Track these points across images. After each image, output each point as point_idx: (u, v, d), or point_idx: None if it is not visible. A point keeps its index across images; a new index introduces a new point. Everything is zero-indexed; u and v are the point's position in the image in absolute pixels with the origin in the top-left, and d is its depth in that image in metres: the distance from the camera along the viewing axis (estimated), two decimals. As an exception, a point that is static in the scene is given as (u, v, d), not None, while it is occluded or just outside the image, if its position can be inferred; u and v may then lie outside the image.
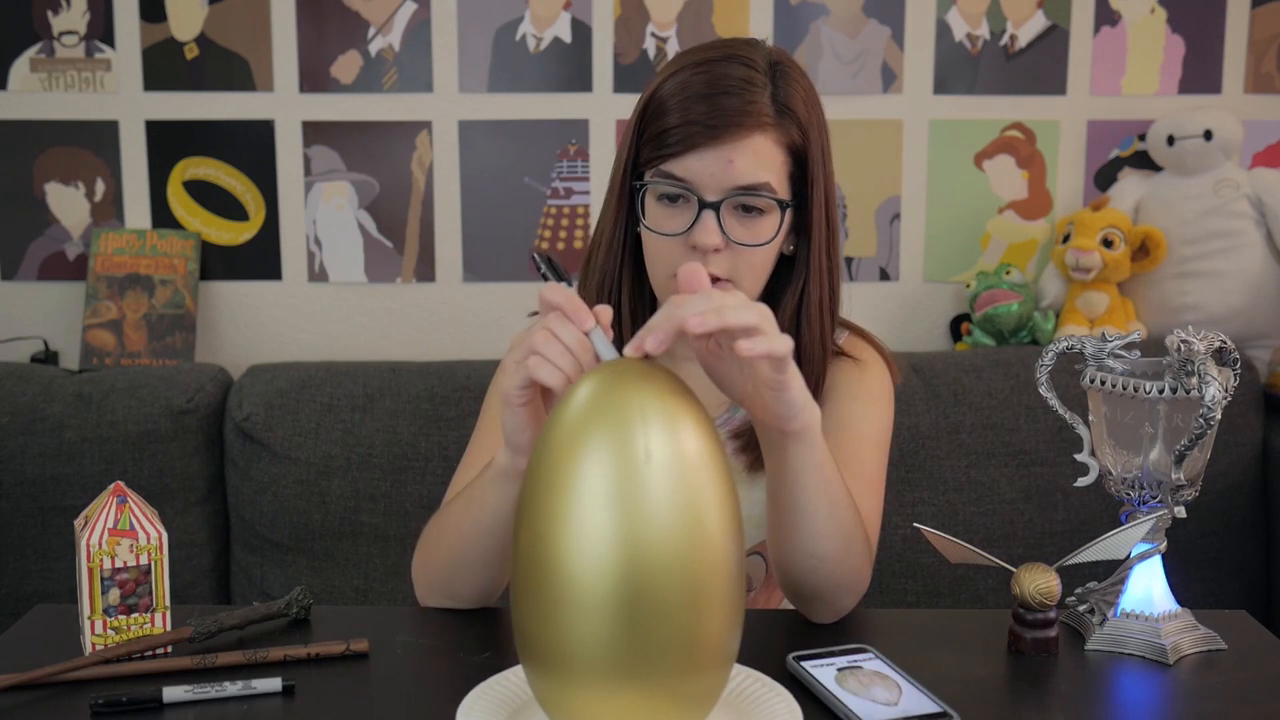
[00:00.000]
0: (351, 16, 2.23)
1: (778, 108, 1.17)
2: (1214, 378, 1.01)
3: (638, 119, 1.21)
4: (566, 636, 0.81)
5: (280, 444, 1.98)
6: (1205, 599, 2.01)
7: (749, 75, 1.17)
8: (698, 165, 1.16)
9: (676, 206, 1.19)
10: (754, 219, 1.18)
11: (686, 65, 1.19)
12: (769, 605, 1.32)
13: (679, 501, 0.80)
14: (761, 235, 1.18)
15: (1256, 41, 2.28)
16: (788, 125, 1.18)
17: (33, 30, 2.23)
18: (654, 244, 1.21)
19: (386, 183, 2.28)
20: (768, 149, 1.17)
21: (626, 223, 1.25)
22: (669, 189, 1.18)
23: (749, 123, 1.15)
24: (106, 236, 2.24)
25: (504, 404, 1.00)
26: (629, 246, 1.26)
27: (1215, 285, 2.17)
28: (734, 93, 1.16)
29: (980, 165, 2.30)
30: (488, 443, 1.27)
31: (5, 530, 1.97)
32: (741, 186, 1.16)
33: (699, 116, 1.15)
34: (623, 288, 1.26)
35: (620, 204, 1.25)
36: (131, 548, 1.04)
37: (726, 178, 1.16)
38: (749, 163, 1.16)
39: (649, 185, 1.20)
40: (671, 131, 1.16)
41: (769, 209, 1.18)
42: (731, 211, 1.17)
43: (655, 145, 1.18)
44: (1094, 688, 1.02)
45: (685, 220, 1.18)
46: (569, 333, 0.94)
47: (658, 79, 1.21)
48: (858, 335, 1.33)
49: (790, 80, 1.19)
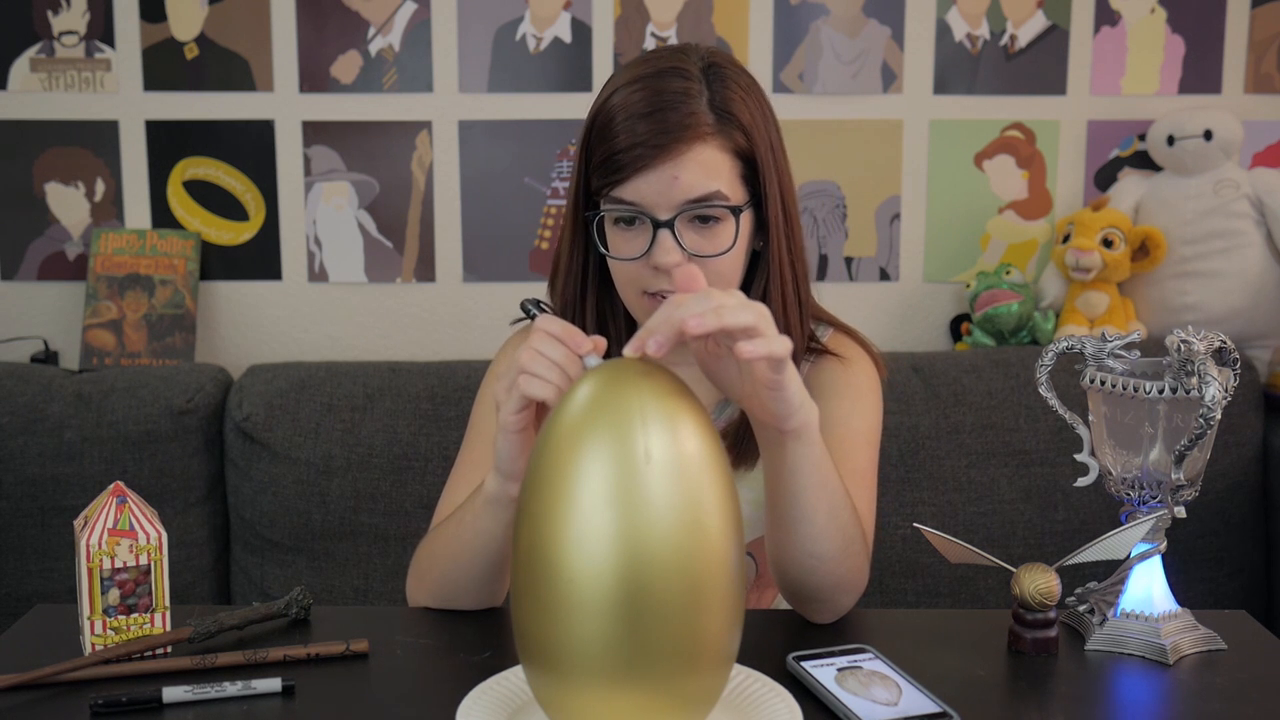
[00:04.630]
0: (351, 16, 2.23)
1: (717, 114, 1.16)
2: (1214, 378, 1.01)
3: (584, 144, 1.21)
4: (566, 636, 0.81)
5: (280, 444, 1.98)
6: (1205, 599, 2.01)
7: (684, 86, 1.16)
8: (645, 186, 1.15)
9: (633, 229, 1.18)
10: (710, 228, 1.18)
11: (624, 83, 1.18)
12: (759, 605, 1.32)
13: (679, 501, 0.80)
14: (721, 244, 1.18)
15: (1256, 41, 2.28)
16: (729, 129, 1.17)
17: (33, 30, 2.23)
18: (619, 269, 1.21)
19: (386, 183, 2.28)
20: (712, 157, 1.16)
21: (585, 248, 1.25)
22: (622, 214, 1.18)
23: (689, 135, 1.14)
24: (106, 236, 2.24)
25: (500, 430, 1.02)
26: (591, 270, 1.26)
27: (1215, 285, 2.17)
28: (670, 107, 1.15)
29: (980, 165, 2.30)
30: (476, 458, 1.27)
31: (5, 530, 1.97)
32: (691, 200, 1.16)
33: (641, 136, 1.14)
34: (587, 312, 1.27)
35: (576, 230, 1.25)
36: (131, 548, 1.04)
37: (675, 194, 1.15)
38: (695, 175, 1.15)
39: (603, 213, 1.19)
40: (616, 156, 1.15)
41: (723, 216, 1.17)
42: (687, 225, 1.17)
43: (603, 171, 1.17)
44: (1094, 688, 1.02)
45: (643, 242, 1.17)
46: (555, 349, 0.96)
47: (599, 100, 1.20)
48: (842, 332, 1.33)
49: (726, 81, 1.18)
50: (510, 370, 0.99)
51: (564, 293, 1.27)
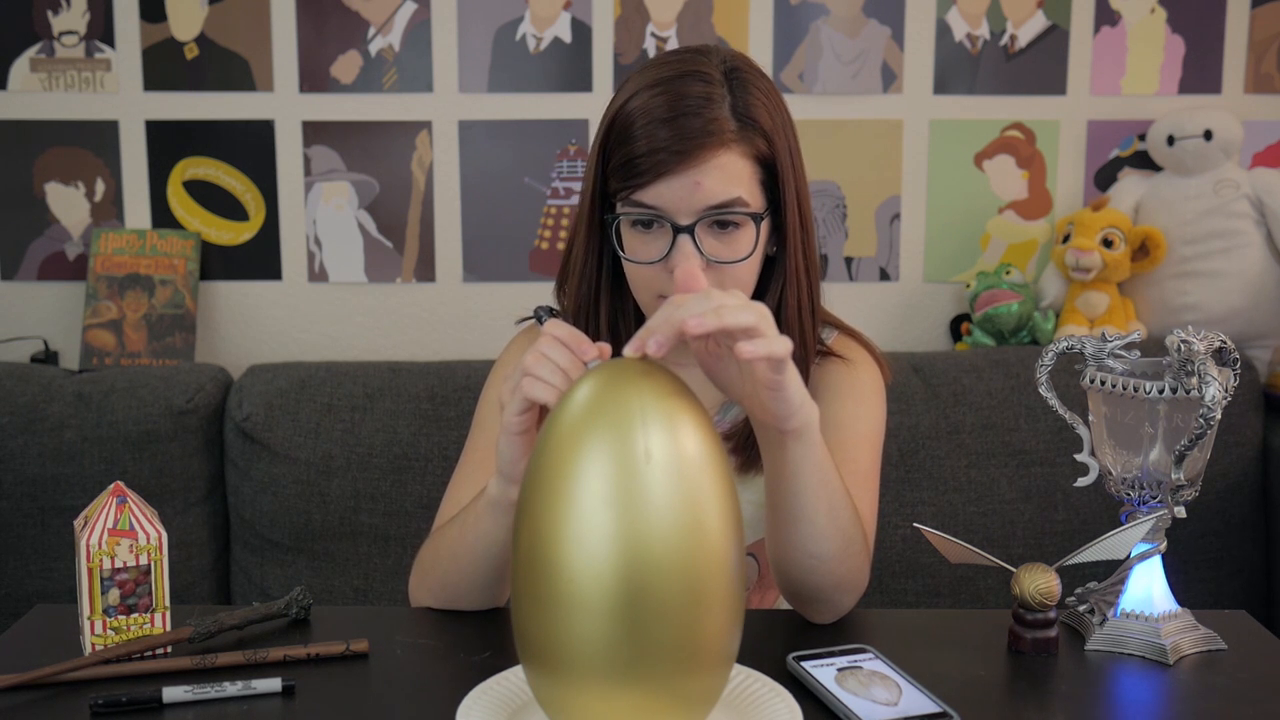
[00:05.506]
0: (351, 16, 2.23)
1: (739, 119, 1.16)
2: (1214, 378, 1.01)
3: (600, 145, 1.20)
4: (566, 636, 0.81)
5: (280, 444, 1.98)
6: (1205, 599, 2.01)
7: (707, 91, 1.15)
8: (667, 191, 1.15)
9: (651, 233, 1.18)
10: (730, 234, 1.17)
11: (644, 86, 1.17)
12: (762, 605, 1.32)
13: (679, 501, 0.80)
14: (740, 250, 1.18)
15: (1256, 41, 2.28)
16: (752, 135, 1.16)
17: (33, 30, 2.23)
18: (635, 272, 1.21)
19: (386, 183, 2.28)
20: (734, 163, 1.15)
21: (600, 249, 1.25)
22: (642, 217, 1.17)
23: (712, 142, 1.14)
24: (106, 236, 2.24)
25: (503, 432, 1.02)
26: (605, 272, 1.26)
27: (1215, 285, 2.17)
28: (694, 112, 1.14)
29: (980, 165, 2.30)
30: (479, 458, 1.27)
31: (5, 530, 1.97)
32: (712, 206, 1.15)
33: (662, 142, 1.13)
34: (600, 312, 1.26)
35: (591, 232, 1.24)
36: (131, 548, 1.04)
37: (696, 199, 1.15)
38: (717, 181, 1.14)
39: (621, 217, 1.19)
40: (637, 160, 1.15)
41: (744, 223, 1.17)
42: (707, 230, 1.16)
43: (622, 175, 1.16)
44: (1094, 688, 1.02)
45: (662, 246, 1.17)
46: (561, 354, 0.96)
47: (617, 101, 1.19)
48: (847, 334, 1.32)
49: (748, 87, 1.18)
50: (516, 372, 0.99)
51: (576, 294, 1.27)
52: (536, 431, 1.01)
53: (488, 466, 1.20)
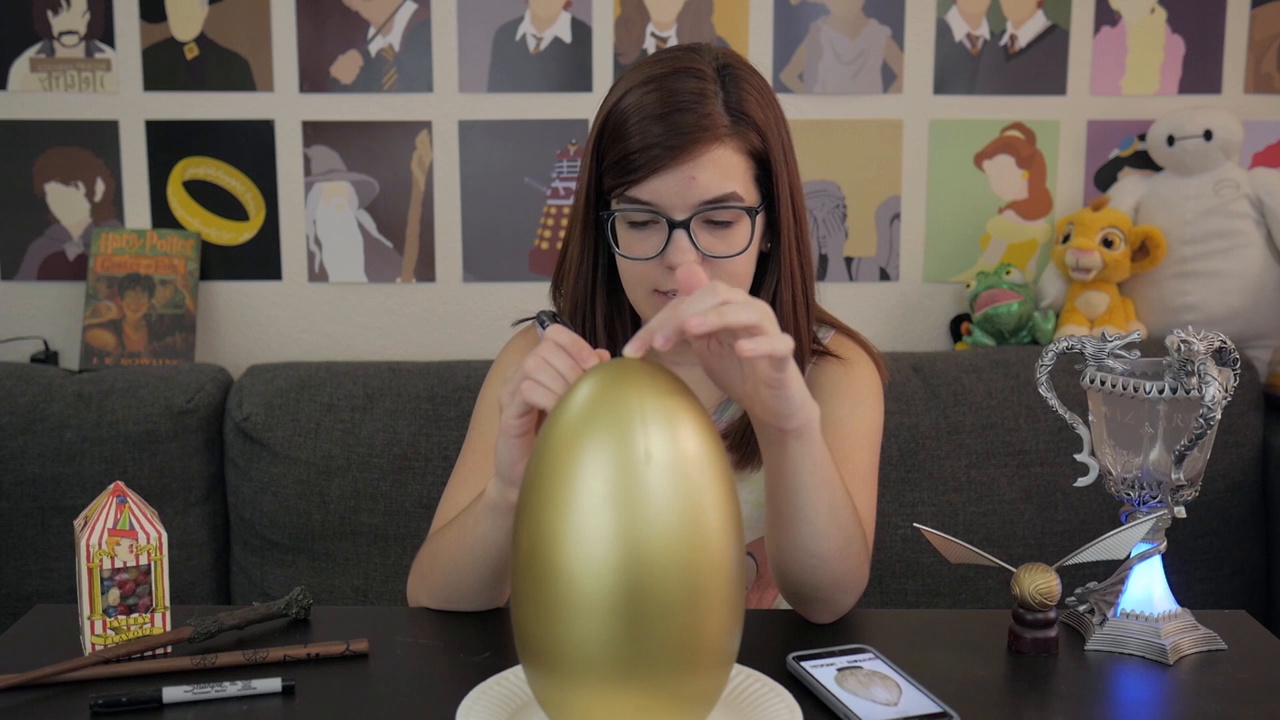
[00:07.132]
0: (351, 16, 2.23)
1: (733, 115, 1.16)
2: (1214, 378, 1.01)
3: (594, 144, 1.21)
4: (566, 636, 0.81)
5: (280, 444, 1.98)
6: (1205, 599, 2.01)
7: (700, 87, 1.16)
8: (661, 187, 1.15)
9: (647, 229, 1.18)
10: (725, 230, 1.18)
11: (637, 83, 1.17)
12: (761, 605, 1.32)
13: (679, 501, 0.80)
14: (735, 245, 1.18)
15: (1256, 41, 2.28)
16: (745, 130, 1.17)
17: (33, 30, 2.23)
18: (629, 268, 1.21)
19: (386, 183, 2.28)
20: (728, 158, 1.16)
21: (595, 248, 1.25)
22: (637, 214, 1.18)
23: (706, 137, 1.14)
24: (106, 236, 2.24)
25: (501, 434, 1.03)
26: (601, 271, 1.26)
27: (1215, 285, 2.17)
28: (687, 108, 1.14)
29: (980, 165, 2.30)
30: (477, 459, 1.27)
31: (5, 530, 1.97)
32: (707, 201, 1.16)
33: (656, 138, 1.14)
34: (596, 311, 1.27)
35: (586, 230, 1.25)
36: (131, 548, 1.04)
37: (691, 195, 1.15)
38: (712, 176, 1.15)
39: (616, 214, 1.19)
40: (632, 157, 1.15)
41: (738, 218, 1.18)
42: (702, 226, 1.17)
43: (617, 172, 1.17)
44: (1094, 688, 1.02)
45: (657, 242, 1.17)
46: (561, 359, 0.97)
47: (610, 99, 1.20)
48: (844, 334, 1.33)
49: (741, 83, 1.18)
50: (516, 375, 0.99)
51: (572, 293, 1.27)
52: (535, 434, 1.01)
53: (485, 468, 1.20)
